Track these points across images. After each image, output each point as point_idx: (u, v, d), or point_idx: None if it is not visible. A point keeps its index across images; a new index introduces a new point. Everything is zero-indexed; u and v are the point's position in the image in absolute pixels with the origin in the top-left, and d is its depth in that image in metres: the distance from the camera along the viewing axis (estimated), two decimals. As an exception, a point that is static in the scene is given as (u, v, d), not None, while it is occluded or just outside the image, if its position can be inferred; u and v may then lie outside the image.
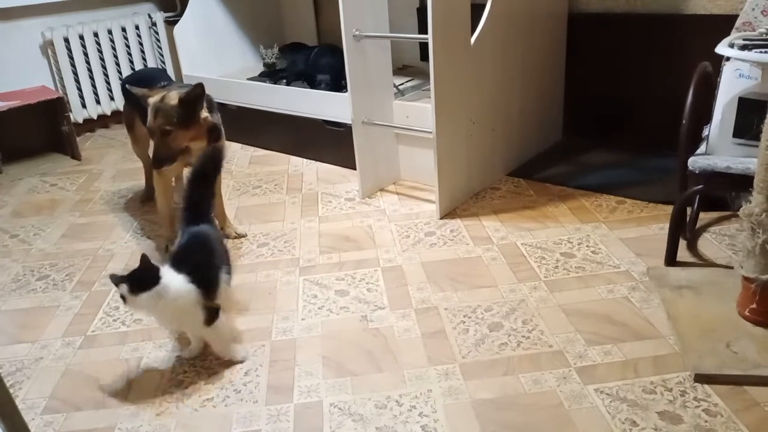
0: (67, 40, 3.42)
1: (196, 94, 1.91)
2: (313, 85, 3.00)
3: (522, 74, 2.55)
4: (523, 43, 2.51)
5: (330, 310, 1.81)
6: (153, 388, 1.54)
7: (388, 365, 1.56)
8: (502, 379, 1.48)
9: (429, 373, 1.51)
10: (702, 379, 1.42)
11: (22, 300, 1.99)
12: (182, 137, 1.94)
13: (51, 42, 3.40)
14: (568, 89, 2.89)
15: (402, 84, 2.79)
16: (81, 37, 3.46)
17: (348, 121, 2.50)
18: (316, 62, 3.06)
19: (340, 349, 1.64)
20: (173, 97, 1.91)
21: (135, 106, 2.32)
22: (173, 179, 2.34)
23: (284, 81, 3.17)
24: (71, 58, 3.45)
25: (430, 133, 2.19)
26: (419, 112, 2.45)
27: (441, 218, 2.30)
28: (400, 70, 3.08)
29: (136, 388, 1.55)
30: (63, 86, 3.49)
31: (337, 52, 3.02)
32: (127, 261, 2.18)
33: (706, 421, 1.31)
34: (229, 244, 2.24)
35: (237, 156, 3.13)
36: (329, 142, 2.87)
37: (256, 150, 3.20)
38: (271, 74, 3.27)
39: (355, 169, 2.53)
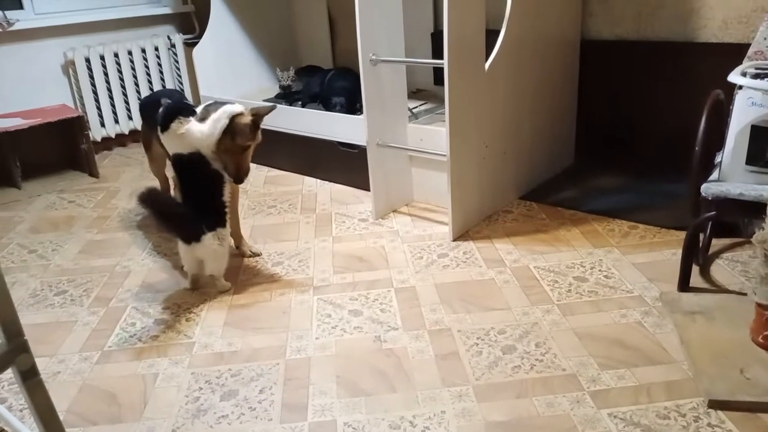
0: (88, 60, 3.50)
1: (267, 112, 2.01)
2: (328, 107, 3.05)
3: (535, 99, 2.59)
4: (536, 68, 2.55)
5: (344, 330, 1.82)
6: (169, 404, 1.56)
7: (402, 386, 1.57)
8: (516, 402, 1.48)
9: (442, 395, 1.52)
10: (715, 404, 1.42)
11: (39, 315, 2.02)
12: (254, 145, 2.01)
13: (72, 62, 3.48)
14: (580, 114, 2.92)
15: (416, 107, 2.84)
16: (101, 58, 3.54)
17: (362, 143, 2.54)
18: (332, 85, 3.12)
19: (353, 369, 1.65)
20: (243, 116, 1.95)
21: (152, 127, 2.36)
22: None
23: (299, 103, 3.22)
24: (91, 77, 3.53)
25: (444, 155, 2.22)
26: (433, 135, 2.49)
27: (454, 240, 2.32)
28: (413, 93, 3.13)
29: (152, 404, 1.57)
30: (83, 105, 3.56)
31: (351, 75, 3.08)
32: (143, 278, 2.21)
33: (720, 448, 1.31)
34: (245, 262, 2.27)
35: (252, 176, 3.16)
36: (343, 164, 2.90)
37: (270, 170, 3.25)
38: (286, 96, 3.32)
39: (368, 190, 2.56)
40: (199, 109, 2.02)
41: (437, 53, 2.93)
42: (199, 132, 1.94)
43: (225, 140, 1.93)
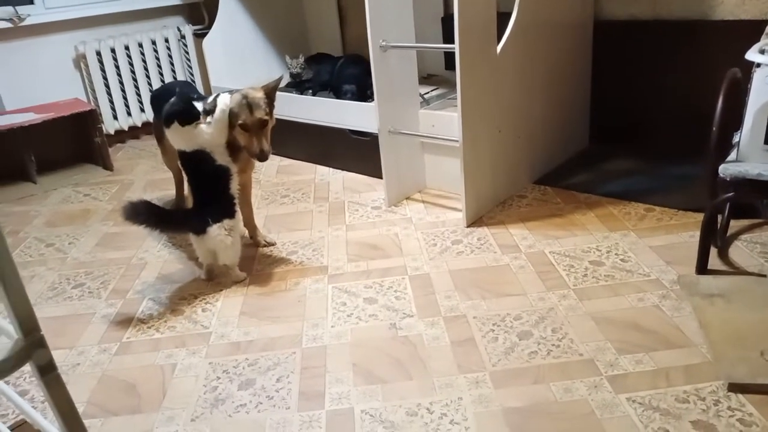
0: (99, 54, 3.51)
1: (276, 84, 2.02)
2: (339, 95, 3.03)
3: (547, 82, 2.56)
4: (549, 51, 2.51)
5: (359, 318, 1.82)
6: (187, 394, 1.58)
7: (418, 373, 1.57)
8: (533, 388, 1.48)
9: (459, 381, 1.52)
10: (735, 388, 1.41)
11: (58, 307, 2.05)
12: (270, 125, 2.01)
13: (83, 55, 3.49)
14: (593, 96, 2.88)
15: (427, 93, 2.81)
16: (112, 51, 3.55)
17: (373, 131, 2.52)
18: (342, 72, 3.10)
19: (369, 357, 1.65)
20: (255, 91, 1.98)
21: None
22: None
23: (310, 91, 3.21)
24: (103, 70, 3.55)
25: (457, 141, 2.20)
26: (445, 121, 2.47)
27: (467, 226, 2.31)
28: (424, 79, 3.10)
29: (170, 394, 1.58)
30: (95, 98, 3.58)
31: (362, 62, 3.06)
32: (159, 270, 2.23)
33: (740, 431, 1.30)
34: (259, 252, 2.28)
35: (264, 165, 3.17)
36: (355, 152, 2.90)
37: (282, 159, 3.25)
38: (297, 85, 3.31)
39: (380, 177, 2.55)
40: (209, 100, 2.02)
41: (448, 38, 2.90)
42: (205, 133, 1.95)
43: (241, 118, 1.94)
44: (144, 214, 1.92)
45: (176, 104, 1.94)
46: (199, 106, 1.97)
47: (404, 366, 1.60)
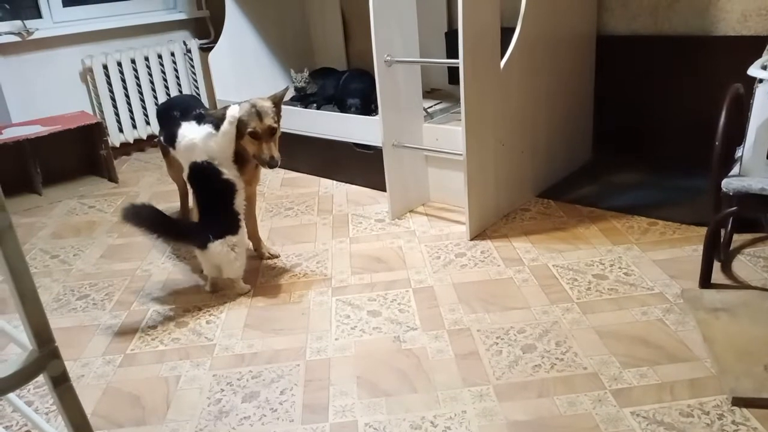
0: (105, 67, 3.54)
1: (283, 94, 2.09)
2: (343, 108, 3.05)
3: (551, 96, 2.58)
4: (552, 65, 2.53)
5: (363, 331, 1.83)
6: (191, 406, 1.58)
7: (422, 386, 1.57)
8: (537, 401, 1.48)
9: (463, 394, 1.52)
10: (740, 402, 1.41)
11: (63, 319, 2.05)
12: (278, 133, 2.04)
13: (90, 69, 3.53)
14: (596, 110, 2.90)
15: (431, 107, 2.83)
16: (119, 64, 3.58)
17: (377, 144, 2.54)
18: (346, 86, 3.13)
19: (373, 370, 1.65)
20: (263, 100, 2.03)
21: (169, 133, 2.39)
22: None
23: (315, 105, 3.24)
24: (109, 84, 3.58)
25: (460, 155, 2.22)
26: (449, 135, 2.49)
27: (471, 239, 2.31)
28: (428, 93, 3.13)
29: (174, 406, 1.58)
30: (101, 111, 3.60)
31: (366, 76, 3.08)
32: (164, 281, 2.23)
33: (745, 446, 1.30)
34: (263, 264, 2.29)
35: (268, 178, 3.19)
36: (359, 165, 2.91)
37: (287, 172, 3.26)
38: (301, 98, 3.34)
39: (384, 191, 2.56)
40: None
41: (452, 52, 2.92)
42: (214, 143, 1.98)
43: (251, 126, 1.96)
44: (146, 218, 1.93)
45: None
46: (207, 120, 2.03)
47: (408, 379, 1.60)
